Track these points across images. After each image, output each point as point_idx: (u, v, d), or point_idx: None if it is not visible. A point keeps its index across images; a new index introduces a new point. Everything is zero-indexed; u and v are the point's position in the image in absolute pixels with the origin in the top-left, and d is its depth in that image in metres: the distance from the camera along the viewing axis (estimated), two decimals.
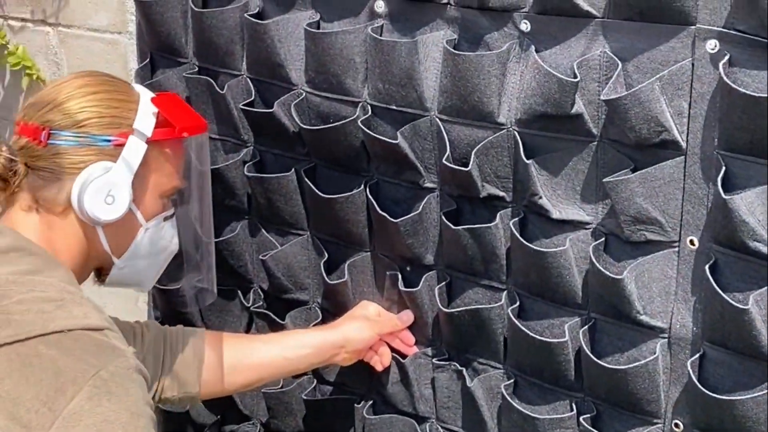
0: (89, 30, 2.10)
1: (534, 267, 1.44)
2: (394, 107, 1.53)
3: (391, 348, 1.67)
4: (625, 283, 1.34)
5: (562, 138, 1.38)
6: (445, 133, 1.48)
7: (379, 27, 1.53)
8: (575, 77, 1.33)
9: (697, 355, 1.33)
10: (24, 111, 1.38)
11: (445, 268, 1.58)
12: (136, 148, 1.37)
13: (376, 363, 1.68)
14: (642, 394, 1.37)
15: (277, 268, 1.77)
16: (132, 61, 2.02)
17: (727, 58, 1.22)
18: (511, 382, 1.54)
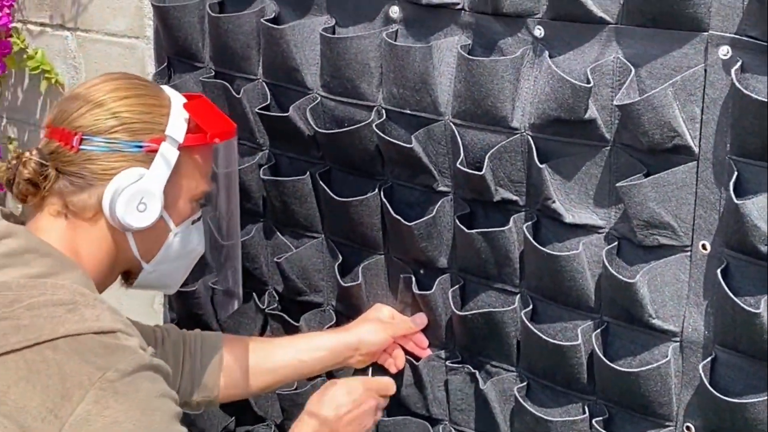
0: (107, 34, 2.12)
1: (547, 270, 1.45)
2: (409, 111, 1.54)
3: (405, 350, 1.68)
4: (637, 287, 1.35)
5: (576, 143, 1.40)
6: (459, 138, 1.49)
7: (394, 32, 1.55)
8: (589, 82, 1.34)
9: (708, 358, 1.33)
10: (54, 114, 1.37)
11: (458, 271, 1.59)
12: (168, 155, 1.36)
13: (390, 365, 1.68)
14: (654, 397, 1.38)
15: (291, 271, 1.78)
16: (149, 65, 2.03)
17: (739, 64, 1.23)
18: (524, 384, 1.54)
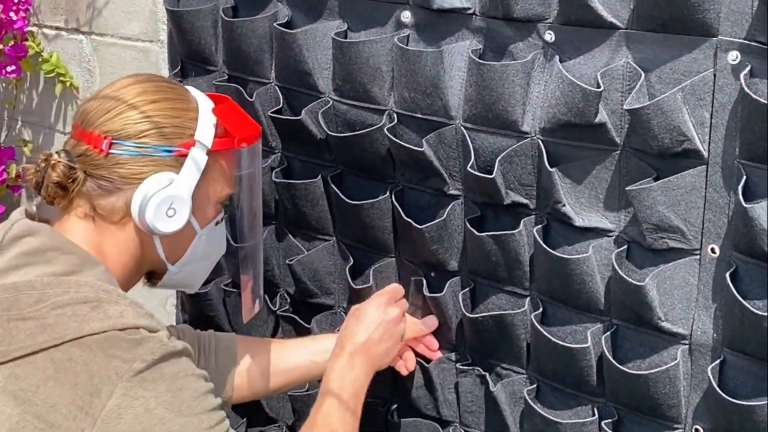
0: (122, 38, 2.13)
1: (557, 274, 1.46)
2: (420, 115, 1.55)
3: (416, 353, 1.69)
4: (647, 290, 1.35)
5: (586, 147, 1.40)
6: (469, 141, 1.50)
7: (406, 37, 1.56)
8: (599, 87, 1.35)
9: (717, 361, 1.34)
10: (82, 115, 1.37)
11: (469, 274, 1.60)
12: (197, 160, 1.36)
13: (401, 367, 1.69)
14: (663, 399, 1.39)
15: (303, 273, 1.79)
16: (163, 69, 2.04)
17: (748, 69, 1.23)
18: (533, 387, 1.55)
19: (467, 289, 1.60)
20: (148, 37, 2.08)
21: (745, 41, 1.24)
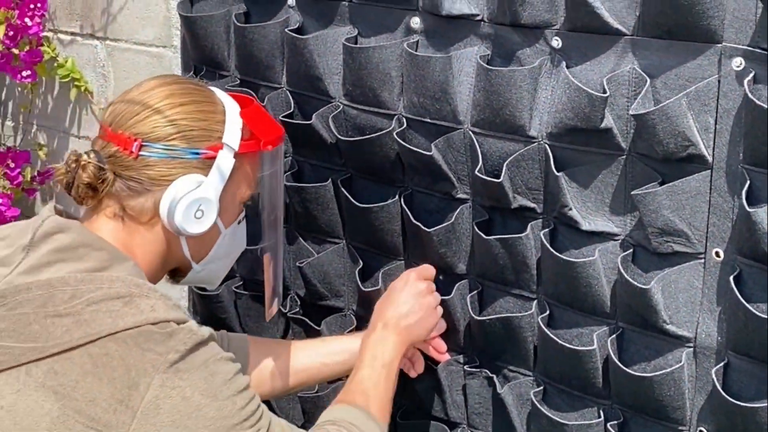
0: (136, 44, 2.15)
1: (564, 277, 1.47)
2: (429, 120, 1.57)
3: (424, 355, 1.70)
4: (652, 293, 1.37)
5: (592, 151, 1.42)
6: (477, 146, 1.51)
7: (415, 42, 1.58)
8: (605, 92, 1.36)
9: (721, 363, 1.35)
10: (111, 117, 1.38)
11: (476, 277, 1.61)
12: (225, 163, 1.38)
13: (410, 369, 1.70)
14: (668, 401, 1.40)
15: (313, 276, 1.81)
16: (176, 73, 2.05)
17: (752, 75, 1.25)
18: (540, 389, 1.56)
19: (475, 292, 1.61)
20: (162, 42, 2.10)
21: (749, 48, 1.25)
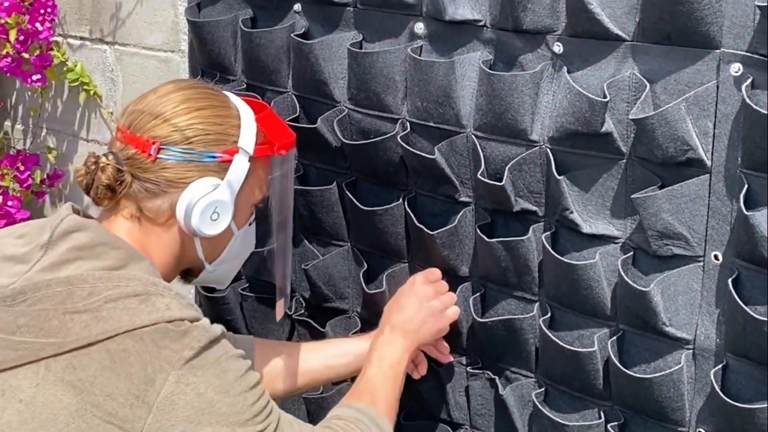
0: (144, 48, 2.16)
1: (565, 279, 1.48)
2: (432, 124, 1.59)
3: (428, 357, 1.71)
4: (651, 295, 1.38)
5: (593, 155, 1.43)
6: (480, 150, 1.53)
7: (419, 47, 1.59)
8: (605, 97, 1.38)
9: (720, 365, 1.36)
10: (128, 121, 1.41)
11: (479, 279, 1.63)
12: (240, 166, 1.42)
13: (413, 371, 1.71)
14: (667, 402, 1.41)
15: (318, 278, 1.83)
16: (184, 77, 2.06)
17: (749, 80, 1.26)
18: (542, 390, 1.57)
19: (478, 294, 1.62)
20: (170, 47, 2.11)
21: (747, 54, 1.26)
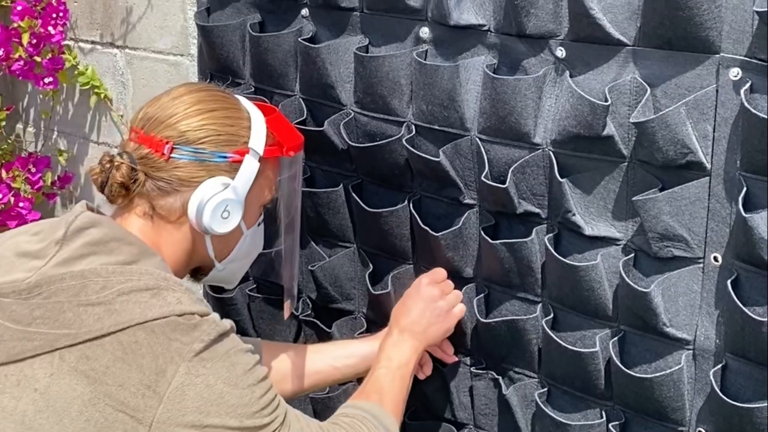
0: (154, 52, 2.18)
1: (567, 280, 1.50)
2: (437, 127, 1.60)
3: (432, 357, 1.73)
4: (652, 296, 1.39)
5: (595, 158, 1.45)
6: (484, 152, 1.55)
7: (424, 52, 1.61)
8: (606, 101, 1.39)
9: (719, 365, 1.37)
10: (142, 121, 1.44)
11: (483, 280, 1.64)
12: (251, 167, 1.45)
13: (418, 372, 1.72)
14: (668, 402, 1.42)
15: (325, 279, 1.84)
16: (194, 81, 2.08)
17: (748, 85, 1.27)
18: (544, 390, 1.59)
19: (481, 295, 1.64)
20: (179, 51, 2.13)
21: (746, 58, 1.28)
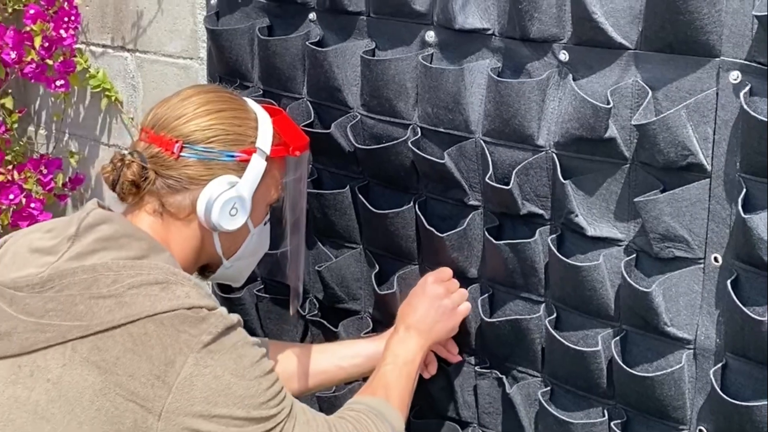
0: (164, 55, 2.20)
1: (570, 281, 1.51)
2: (442, 129, 1.62)
3: (437, 356, 1.74)
4: (653, 296, 1.41)
5: (597, 160, 1.46)
6: (488, 154, 1.56)
7: (429, 55, 1.63)
8: (609, 104, 1.41)
9: (720, 364, 1.39)
10: (153, 120, 1.48)
11: (487, 280, 1.66)
12: (257, 165, 1.49)
13: (423, 371, 1.74)
14: (669, 401, 1.44)
15: (331, 279, 1.86)
16: (202, 83, 2.10)
17: (748, 88, 1.29)
18: (547, 389, 1.60)
19: (486, 295, 1.66)
20: (189, 54, 2.15)
21: (746, 62, 1.30)
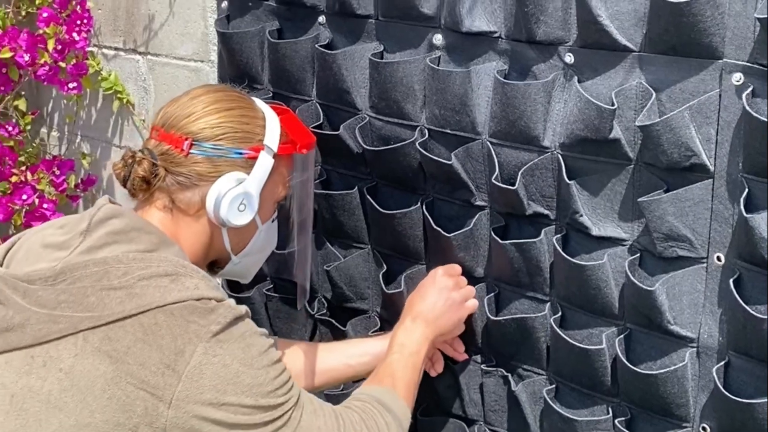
0: (175, 58, 2.22)
1: (575, 280, 1.53)
2: (449, 131, 1.64)
3: (444, 355, 1.76)
4: (657, 295, 1.42)
5: (602, 161, 1.48)
6: (494, 155, 1.58)
7: (437, 58, 1.65)
8: (613, 105, 1.43)
9: (722, 362, 1.40)
10: (163, 118, 1.51)
11: (493, 280, 1.68)
12: (265, 162, 1.51)
13: (430, 369, 1.76)
14: (672, 398, 1.45)
15: (339, 279, 1.88)
16: (211, 83, 2.11)
17: (750, 89, 1.31)
18: (552, 387, 1.62)
19: (492, 294, 1.67)
20: (200, 57, 2.16)
21: (748, 64, 1.31)
